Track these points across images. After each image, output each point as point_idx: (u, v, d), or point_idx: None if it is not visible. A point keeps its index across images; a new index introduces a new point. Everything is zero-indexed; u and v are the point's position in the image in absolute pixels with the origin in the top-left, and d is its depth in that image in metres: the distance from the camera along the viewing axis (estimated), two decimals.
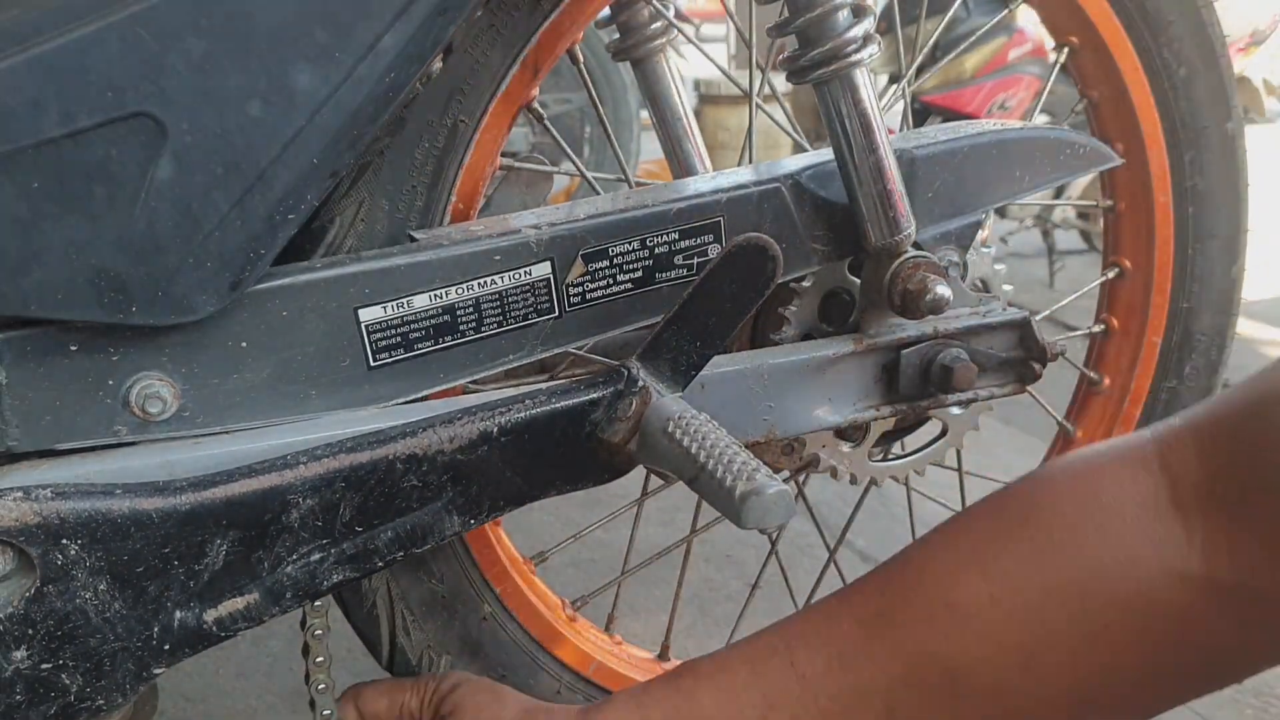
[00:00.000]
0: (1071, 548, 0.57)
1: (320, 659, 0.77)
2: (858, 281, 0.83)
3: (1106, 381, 1.04)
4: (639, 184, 0.89)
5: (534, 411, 0.68)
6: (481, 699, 0.74)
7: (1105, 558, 0.56)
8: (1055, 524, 0.58)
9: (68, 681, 0.60)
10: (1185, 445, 0.56)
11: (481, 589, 0.87)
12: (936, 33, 1.16)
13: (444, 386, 0.72)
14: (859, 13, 0.75)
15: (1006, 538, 0.60)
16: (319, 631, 0.77)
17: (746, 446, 0.67)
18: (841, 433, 0.87)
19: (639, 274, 0.75)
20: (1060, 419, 1.07)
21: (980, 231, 0.86)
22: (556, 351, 0.75)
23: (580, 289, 0.73)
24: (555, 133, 0.92)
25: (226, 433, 0.66)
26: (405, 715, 0.77)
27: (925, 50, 1.05)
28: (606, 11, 0.91)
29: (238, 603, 0.64)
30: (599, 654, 0.93)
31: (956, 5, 1.22)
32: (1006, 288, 0.89)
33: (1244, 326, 1.07)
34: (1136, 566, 0.55)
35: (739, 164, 0.91)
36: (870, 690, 0.61)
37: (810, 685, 0.62)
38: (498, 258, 0.70)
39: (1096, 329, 1.05)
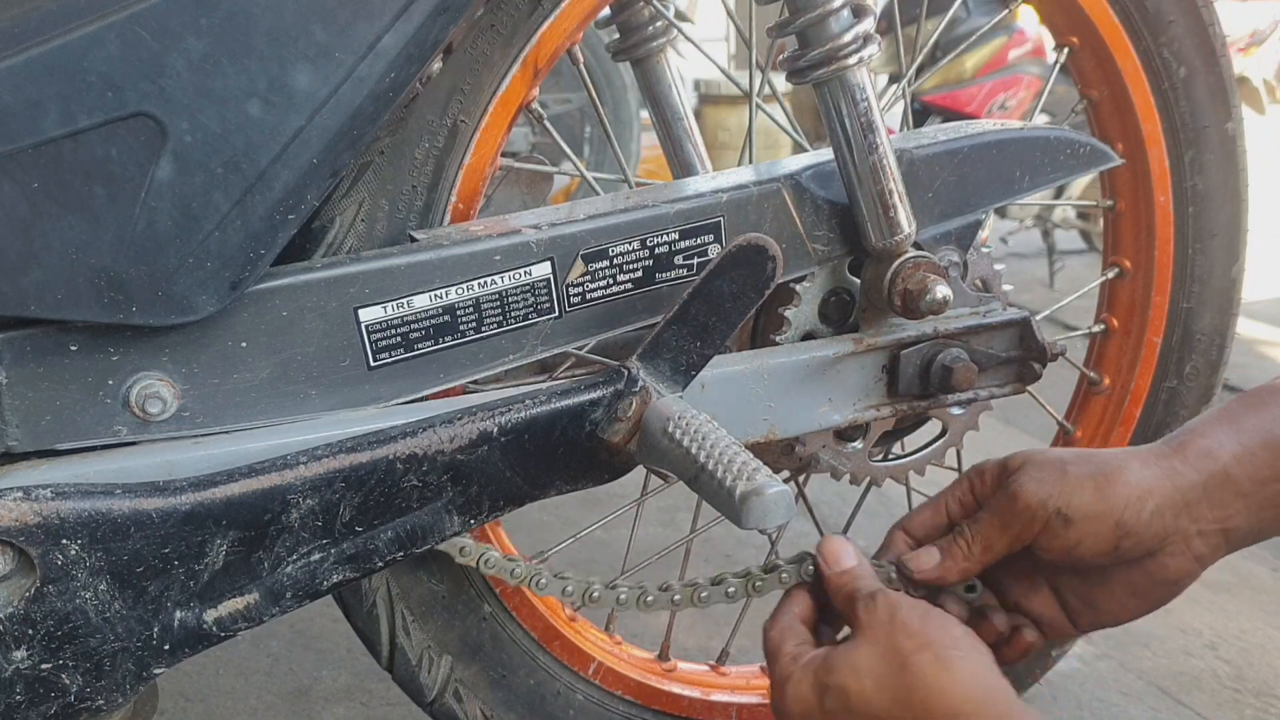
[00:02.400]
0: None
1: None
2: (858, 281, 0.83)
3: (1106, 381, 1.04)
4: (639, 184, 0.89)
5: (534, 411, 0.68)
6: (1048, 467, 0.72)
7: None
8: None
9: (68, 681, 0.60)
10: None
11: (481, 589, 0.87)
12: (936, 33, 1.16)
13: (444, 386, 0.72)
14: (859, 13, 0.75)
15: None
16: None
17: (746, 446, 0.66)
18: (841, 433, 0.87)
19: (639, 274, 0.75)
20: (1060, 419, 1.07)
21: (980, 231, 0.86)
22: (556, 351, 0.75)
23: (580, 289, 0.73)
24: (555, 133, 0.92)
25: (226, 433, 0.66)
26: (952, 514, 0.75)
27: (925, 50, 1.05)
28: (606, 11, 0.91)
29: (238, 603, 0.64)
30: (599, 654, 0.93)
31: (956, 5, 1.22)
32: (1006, 288, 0.89)
33: (1244, 326, 1.07)
34: None
35: (739, 164, 0.91)
36: None
37: None
38: (498, 258, 0.70)
39: (1096, 329, 1.05)
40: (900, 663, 0.63)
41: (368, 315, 0.68)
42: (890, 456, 0.94)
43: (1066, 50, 0.97)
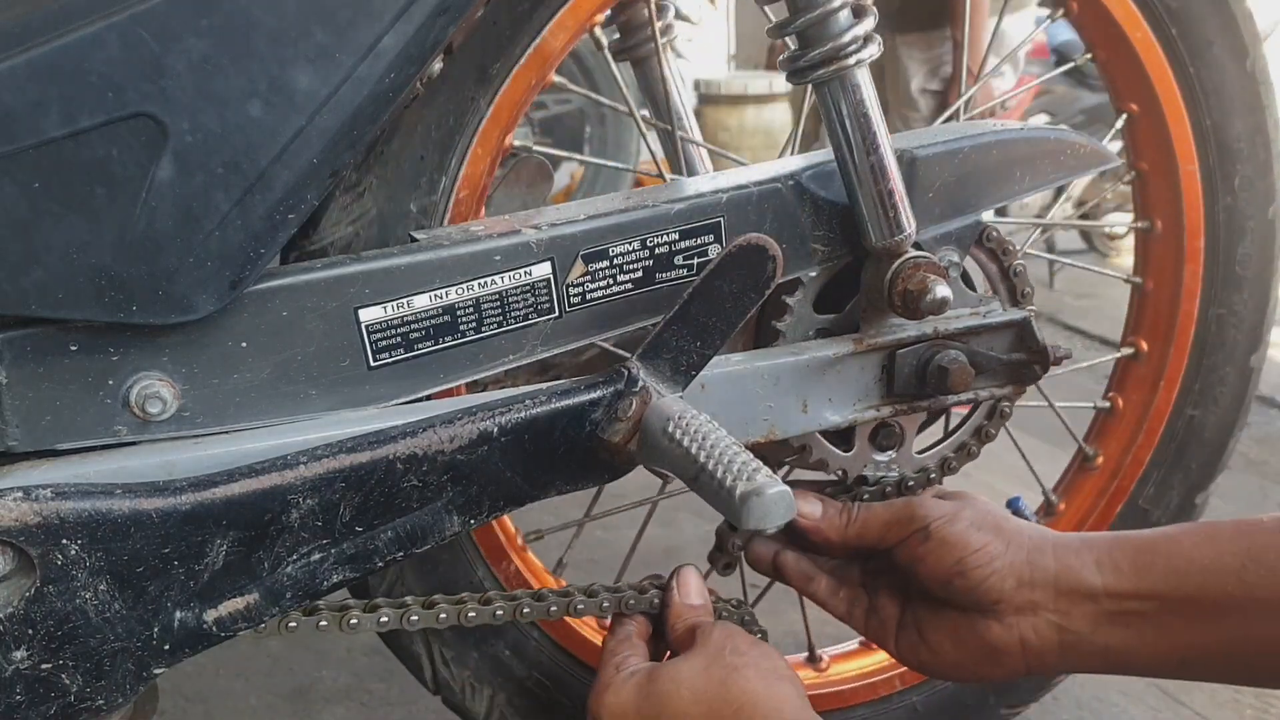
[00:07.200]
0: None
1: None
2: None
3: (1150, 284, 1.05)
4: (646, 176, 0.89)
5: (534, 411, 0.68)
6: (957, 498, 0.77)
7: None
8: None
9: (68, 681, 0.60)
10: None
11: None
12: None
13: (444, 387, 0.72)
14: (859, 13, 0.75)
15: None
16: None
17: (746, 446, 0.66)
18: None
19: (639, 274, 0.75)
20: (1127, 276, 1.07)
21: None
22: (557, 352, 0.75)
23: (580, 289, 0.73)
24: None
25: (226, 433, 0.66)
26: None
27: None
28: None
29: (238, 603, 0.64)
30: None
31: None
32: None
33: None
34: None
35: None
36: None
37: None
38: (498, 258, 0.70)
39: (1141, 225, 1.05)
40: (723, 676, 0.66)
41: (368, 315, 0.68)
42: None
43: (1125, 117, 0.99)
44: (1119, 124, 1.01)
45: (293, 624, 0.70)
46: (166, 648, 0.62)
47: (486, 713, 0.88)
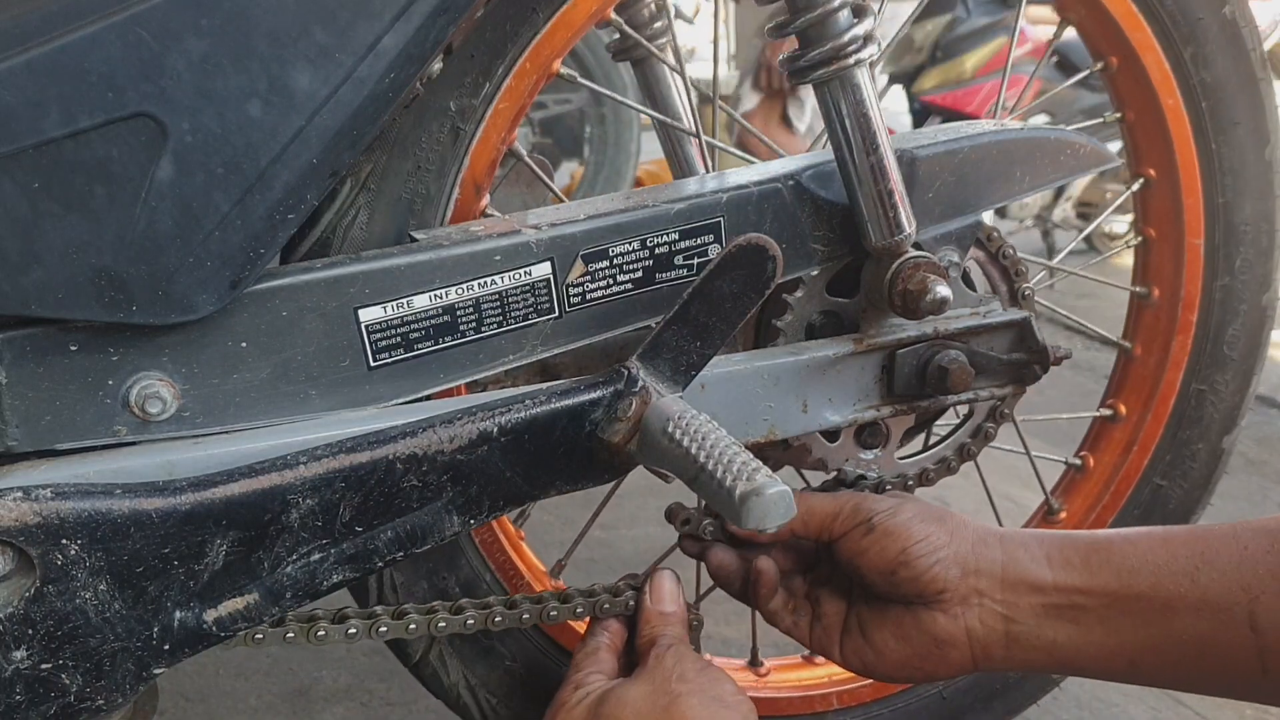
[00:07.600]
0: None
1: None
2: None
3: (1156, 293, 1.04)
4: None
5: (534, 411, 0.68)
6: (901, 496, 0.77)
7: None
8: None
9: (68, 681, 0.60)
10: None
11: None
12: (937, 32, 1.16)
13: (444, 387, 0.72)
14: (859, 13, 0.75)
15: None
16: None
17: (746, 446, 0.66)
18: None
19: (639, 274, 0.75)
20: (1117, 339, 1.07)
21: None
22: (556, 352, 0.75)
23: (580, 289, 0.73)
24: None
25: (226, 433, 0.66)
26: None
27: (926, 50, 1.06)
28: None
29: (238, 603, 0.64)
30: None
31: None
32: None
33: None
34: None
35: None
36: None
37: (1250, 556, 0.66)
38: (498, 258, 0.70)
39: (1139, 290, 1.05)
40: (668, 702, 0.67)
41: (368, 315, 0.68)
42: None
43: (1141, 181, 0.99)
44: (1135, 187, 1.00)
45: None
46: (166, 648, 0.62)
47: (426, 647, 0.88)
